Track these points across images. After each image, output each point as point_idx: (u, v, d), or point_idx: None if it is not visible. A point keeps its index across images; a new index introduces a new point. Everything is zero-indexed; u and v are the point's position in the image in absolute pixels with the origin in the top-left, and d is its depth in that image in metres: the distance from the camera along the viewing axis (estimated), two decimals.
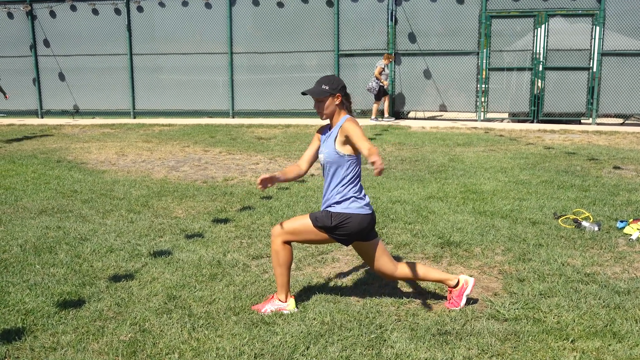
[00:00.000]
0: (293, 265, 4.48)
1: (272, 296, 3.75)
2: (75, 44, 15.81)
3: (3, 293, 3.97)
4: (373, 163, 3.06)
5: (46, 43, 15.99)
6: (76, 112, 16.25)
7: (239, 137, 12.04)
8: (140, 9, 15.43)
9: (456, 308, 3.67)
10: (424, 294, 3.94)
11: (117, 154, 10.19)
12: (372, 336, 3.31)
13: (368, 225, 3.58)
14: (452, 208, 6.12)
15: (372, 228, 3.65)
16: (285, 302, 3.68)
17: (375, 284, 4.15)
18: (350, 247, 4.88)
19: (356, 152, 3.54)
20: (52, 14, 15.86)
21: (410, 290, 4.02)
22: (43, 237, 5.23)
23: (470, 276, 4.26)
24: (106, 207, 6.32)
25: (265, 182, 3.54)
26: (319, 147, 3.73)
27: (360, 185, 3.63)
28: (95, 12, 15.64)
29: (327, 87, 3.58)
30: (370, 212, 3.61)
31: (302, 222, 3.60)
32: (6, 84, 16.39)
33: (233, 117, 15.36)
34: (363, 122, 14.32)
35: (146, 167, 8.92)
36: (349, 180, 3.56)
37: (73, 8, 15.71)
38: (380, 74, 13.83)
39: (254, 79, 15.52)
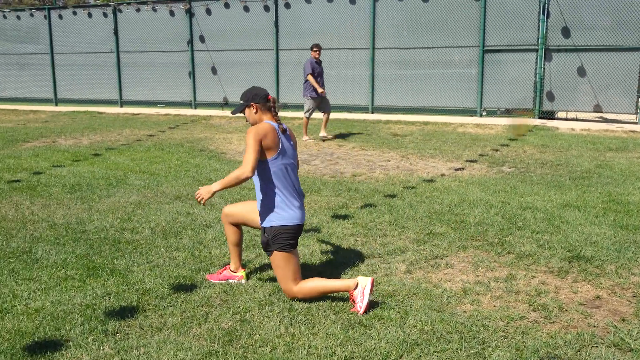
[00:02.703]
0: (403, 268, 4.36)
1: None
2: (227, 39, 16.76)
3: (127, 272, 4.28)
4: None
5: (202, 39, 17.10)
6: (225, 104, 17.20)
7: (374, 133, 12.00)
8: (287, 5, 15.94)
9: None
10: (540, 311, 3.62)
11: None
12: (472, 352, 3.10)
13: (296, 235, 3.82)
14: (589, 219, 5.59)
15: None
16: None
17: (487, 295, 3.89)
18: (463, 253, 4.66)
19: (269, 153, 3.67)
20: (208, 12, 16.91)
21: (526, 305, 3.71)
22: (172, 222, 5.57)
23: (597, 297, 3.86)
24: (235, 197, 6.60)
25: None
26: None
27: (287, 192, 3.74)
28: (246, 9, 16.42)
29: (242, 101, 3.86)
30: (298, 223, 3.79)
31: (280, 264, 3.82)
32: (166, 77, 17.84)
33: (372, 113, 15.36)
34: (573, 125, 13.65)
35: None
36: (261, 188, 3.76)
37: (227, 6, 16.64)
38: None
39: (394, 74, 15.38)
